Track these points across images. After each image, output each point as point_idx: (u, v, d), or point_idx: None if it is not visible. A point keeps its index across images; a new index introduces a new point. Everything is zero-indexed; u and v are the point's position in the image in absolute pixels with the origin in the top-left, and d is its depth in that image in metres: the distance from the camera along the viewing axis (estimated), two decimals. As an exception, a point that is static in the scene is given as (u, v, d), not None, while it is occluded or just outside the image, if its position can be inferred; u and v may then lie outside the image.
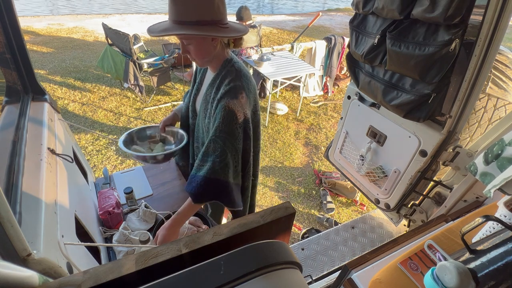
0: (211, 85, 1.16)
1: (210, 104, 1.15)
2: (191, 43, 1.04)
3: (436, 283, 0.72)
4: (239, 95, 1.07)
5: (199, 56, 1.08)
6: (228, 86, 1.08)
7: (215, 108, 1.10)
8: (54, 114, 1.40)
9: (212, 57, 1.11)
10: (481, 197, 1.48)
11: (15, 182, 0.84)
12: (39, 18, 7.73)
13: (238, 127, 1.10)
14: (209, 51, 1.08)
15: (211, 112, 1.14)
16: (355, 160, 1.95)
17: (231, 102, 1.06)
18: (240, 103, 1.08)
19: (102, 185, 1.60)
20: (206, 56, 1.09)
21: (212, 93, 1.14)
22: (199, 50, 1.06)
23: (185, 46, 1.06)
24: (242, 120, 1.10)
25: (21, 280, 0.47)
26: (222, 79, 1.12)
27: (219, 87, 1.12)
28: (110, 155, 3.09)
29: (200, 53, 1.07)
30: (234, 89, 1.07)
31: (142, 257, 0.56)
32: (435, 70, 1.26)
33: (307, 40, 4.71)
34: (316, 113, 4.23)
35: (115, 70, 3.86)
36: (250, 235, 0.65)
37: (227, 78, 1.10)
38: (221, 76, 1.12)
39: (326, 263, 1.88)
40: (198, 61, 1.11)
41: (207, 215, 1.42)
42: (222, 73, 1.12)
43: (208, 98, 1.17)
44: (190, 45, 1.05)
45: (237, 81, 1.09)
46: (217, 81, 1.13)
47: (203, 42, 1.04)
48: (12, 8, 1.24)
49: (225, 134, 1.08)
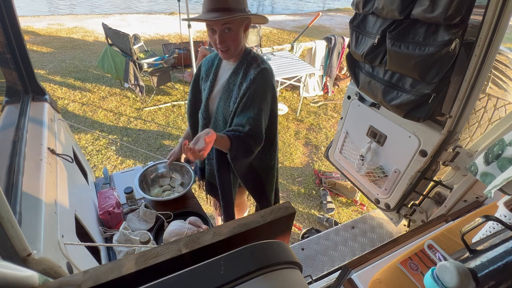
0: (234, 72, 1.23)
1: (237, 88, 1.21)
2: (232, 29, 1.10)
3: (436, 283, 0.72)
4: (269, 76, 1.20)
5: (236, 44, 1.16)
6: (259, 68, 1.18)
7: (247, 88, 1.16)
8: (54, 114, 1.40)
9: (241, 46, 1.20)
10: (481, 197, 1.48)
11: (15, 182, 0.84)
12: (39, 18, 7.73)
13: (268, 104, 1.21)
14: (241, 40, 1.18)
15: (237, 95, 1.20)
16: (355, 160, 1.95)
17: (263, 81, 1.18)
18: (271, 83, 1.21)
19: (102, 185, 1.60)
20: (240, 44, 1.18)
21: (238, 79, 1.21)
22: (237, 37, 1.14)
23: (224, 35, 1.11)
24: (270, 98, 1.22)
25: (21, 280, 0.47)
26: (248, 64, 1.21)
27: (246, 72, 1.20)
28: (110, 155, 3.09)
29: (237, 40, 1.15)
30: (265, 71, 1.19)
31: (142, 257, 0.56)
32: (435, 70, 1.26)
33: (307, 40, 4.71)
34: (316, 113, 4.23)
35: (115, 70, 3.86)
36: (250, 235, 0.65)
37: (254, 63, 1.20)
38: (246, 62, 1.21)
39: (326, 263, 1.88)
40: (234, 49, 1.17)
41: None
42: (247, 60, 1.22)
43: (232, 86, 1.23)
44: (230, 32, 1.11)
45: (265, 64, 1.21)
46: (242, 67, 1.21)
47: (240, 30, 1.14)
48: (12, 8, 1.24)
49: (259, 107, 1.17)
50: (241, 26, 1.13)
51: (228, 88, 1.24)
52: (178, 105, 4.12)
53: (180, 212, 1.45)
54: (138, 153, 3.14)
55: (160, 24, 7.77)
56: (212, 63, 1.34)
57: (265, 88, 1.18)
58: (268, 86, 1.19)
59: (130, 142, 3.34)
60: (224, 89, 1.24)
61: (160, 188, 1.58)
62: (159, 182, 1.62)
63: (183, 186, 1.60)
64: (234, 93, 1.21)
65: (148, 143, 3.33)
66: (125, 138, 3.40)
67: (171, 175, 1.65)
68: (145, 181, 1.56)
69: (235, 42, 1.15)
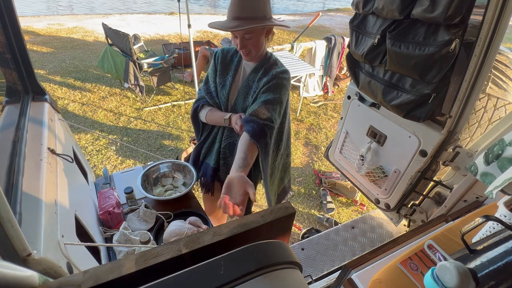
0: (254, 71, 1.29)
1: (255, 84, 1.28)
2: (252, 37, 1.16)
3: (436, 283, 0.72)
4: (289, 77, 1.28)
5: (257, 48, 1.21)
6: (282, 68, 1.27)
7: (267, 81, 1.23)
8: (54, 114, 1.40)
9: (263, 49, 1.26)
10: (481, 197, 1.48)
11: (15, 182, 0.84)
12: (39, 18, 7.73)
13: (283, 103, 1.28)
14: (263, 44, 1.23)
15: (255, 88, 1.27)
16: (355, 160, 1.95)
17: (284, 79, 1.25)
18: (288, 84, 1.30)
19: (102, 185, 1.60)
20: (261, 48, 1.24)
21: (257, 77, 1.27)
22: (258, 43, 1.19)
23: (245, 41, 1.17)
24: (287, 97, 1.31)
25: (21, 280, 0.47)
26: (270, 66, 1.27)
27: (267, 70, 1.26)
28: (110, 155, 3.09)
29: (257, 46, 1.20)
30: (286, 72, 1.27)
31: (142, 257, 0.56)
32: (435, 70, 1.26)
33: (307, 40, 4.71)
34: (316, 113, 4.23)
35: (115, 70, 3.86)
36: (250, 235, 0.65)
37: (274, 66, 1.27)
38: (267, 63, 1.28)
39: (326, 263, 1.88)
40: (255, 53, 1.23)
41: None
42: (269, 61, 1.28)
43: (251, 83, 1.29)
44: (251, 39, 1.16)
45: (283, 67, 1.28)
46: (262, 68, 1.27)
47: (261, 36, 1.19)
48: (12, 8, 1.24)
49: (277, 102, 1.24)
50: (262, 33, 1.18)
51: (248, 85, 1.30)
52: (178, 105, 4.12)
53: (180, 212, 1.45)
54: (138, 153, 3.14)
55: (160, 24, 7.77)
56: (232, 59, 1.37)
57: (285, 84, 1.26)
58: (287, 84, 1.27)
59: (130, 142, 3.34)
60: (244, 85, 1.30)
61: (162, 187, 1.59)
62: (161, 181, 1.63)
63: (185, 186, 1.60)
64: (253, 89, 1.28)
65: (148, 143, 3.33)
66: (125, 138, 3.40)
67: (173, 174, 1.65)
68: (147, 181, 1.56)
69: (256, 47, 1.20)
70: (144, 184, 1.51)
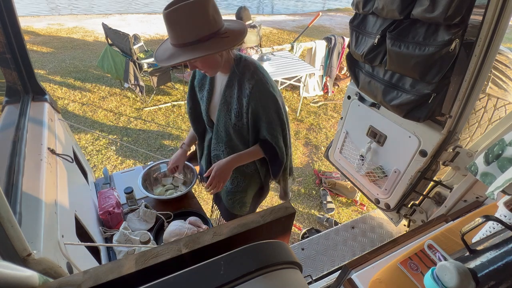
0: (227, 86, 1.17)
1: (235, 100, 1.16)
2: (200, 60, 1.04)
3: (436, 283, 0.72)
4: (264, 87, 1.13)
5: (209, 68, 1.10)
6: (253, 80, 1.11)
7: (248, 104, 1.13)
8: (54, 114, 1.40)
9: (221, 64, 1.12)
10: (481, 197, 1.48)
11: (15, 182, 0.84)
12: (39, 18, 7.73)
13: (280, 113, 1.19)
14: (218, 61, 1.09)
15: (238, 108, 1.16)
16: (355, 160, 1.95)
17: (261, 95, 1.12)
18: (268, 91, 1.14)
19: (102, 185, 1.60)
20: (216, 66, 1.10)
21: (235, 92, 1.15)
22: (207, 64, 1.07)
23: (192, 63, 1.07)
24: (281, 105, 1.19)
25: (21, 280, 0.47)
26: (241, 76, 1.14)
27: (240, 84, 1.14)
28: (110, 155, 3.09)
29: (209, 65, 1.09)
30: (259, 83, 1.12)
31: (142, 257, 0.56)
32: (435, 70, 1.26)
33: (307, 40, 4.71)
34: (316, 113, 4.22)
35: (115, 70, 3.86)
36: (250, 235, 0.65)
37: (247, 73, 1.13)
38: (239, 73, 1.14)
39: (326, 263, 1.88)
40: (210, 72, 1.13)
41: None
42: (239, 70, 1.14)
43: (229, 99, 1.18)
44: (201, 62, 1.06)
45: (258, 72, 1.13)
46: (235, 80, 1.15)
47: (209, 57, 1.04)
48: (12, 8, 1.24)
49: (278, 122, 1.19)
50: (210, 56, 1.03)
51: (226, 101, 1.19)
52: (178, 105, 4.12)
53: (180, 212, 1.45)
54: (138, 153, 3.14)
55: (160, 24, 7.76)
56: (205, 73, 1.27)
57: (266, 87, 1.13)
58: (268, 97, 1.14)
59: (130, 142, 3.34)
60: (222, 102, 1.20)
61: (163, 187, 1.59)
62: (161, 181, 1.63)
63: (185, 185, 1.60)
64: (234, 106, 1.17)
65: (148, 143, 3.33)
66: (125, 138, 3.40)
67: (174, 174, 1.65)
68: (148, 181, 1.56)
69: (207, 67, 1.09)
70: (145, 184, 1.51)
